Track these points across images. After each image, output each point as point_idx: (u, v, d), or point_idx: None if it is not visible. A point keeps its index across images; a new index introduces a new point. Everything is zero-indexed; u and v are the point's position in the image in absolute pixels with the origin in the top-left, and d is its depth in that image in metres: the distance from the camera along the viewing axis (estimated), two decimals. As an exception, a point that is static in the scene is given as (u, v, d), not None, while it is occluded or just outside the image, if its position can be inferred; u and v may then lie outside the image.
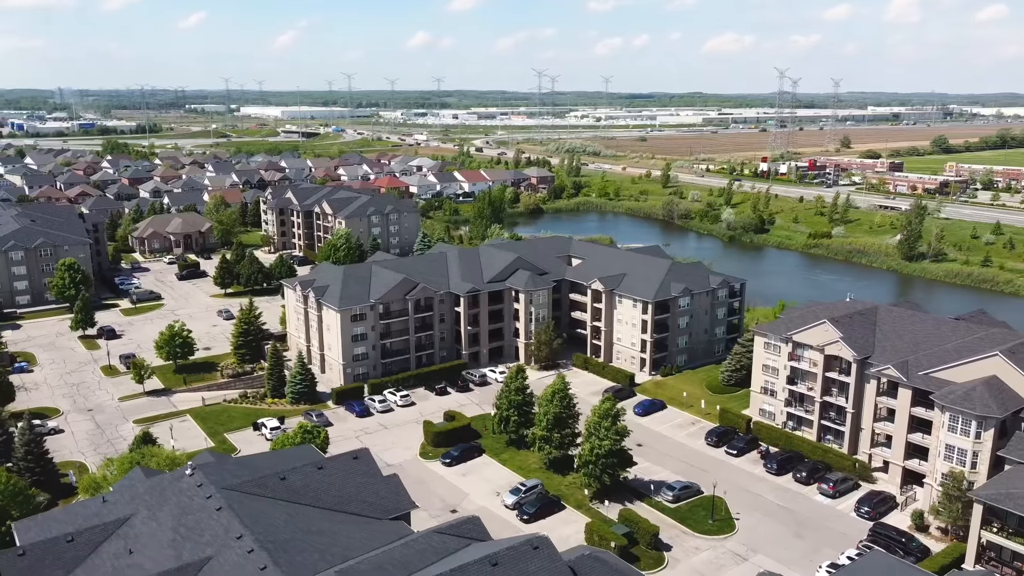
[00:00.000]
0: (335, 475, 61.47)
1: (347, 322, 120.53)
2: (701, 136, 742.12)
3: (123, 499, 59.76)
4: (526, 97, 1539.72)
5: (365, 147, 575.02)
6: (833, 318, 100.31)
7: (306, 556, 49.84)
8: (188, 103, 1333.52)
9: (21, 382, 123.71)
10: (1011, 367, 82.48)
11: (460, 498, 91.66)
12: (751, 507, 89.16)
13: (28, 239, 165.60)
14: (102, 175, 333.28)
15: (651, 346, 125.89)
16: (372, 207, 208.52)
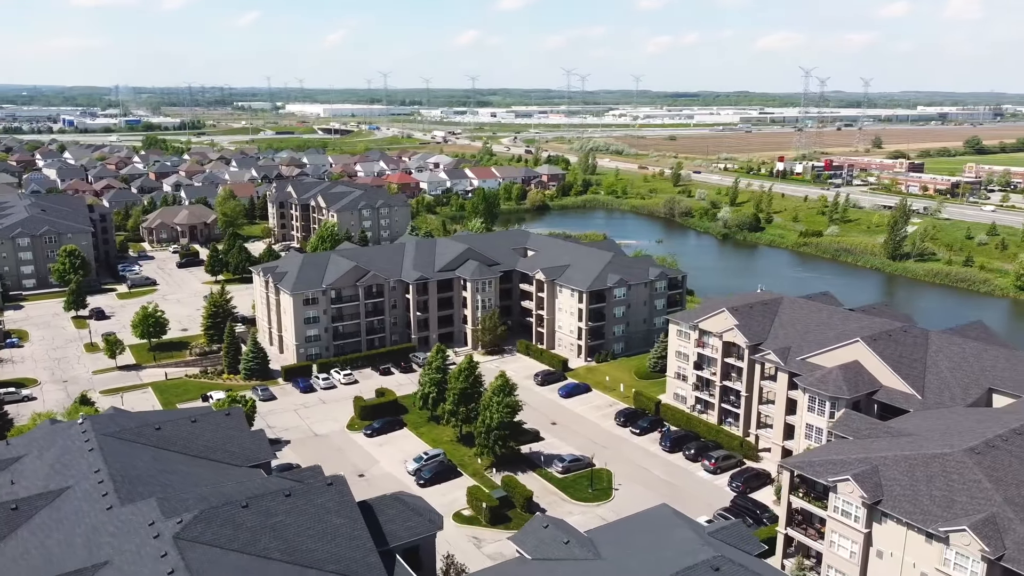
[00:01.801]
0: (206, 428, 70.43)
1: (299, 305, 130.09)
2: (733, 135, 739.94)
3: (23, 443, 69.64)
4: (570, 96, 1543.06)
5: (394, 144, 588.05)
6: (732, 307, 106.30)
7: (149, 488, 58.58)
8: (235, 101, 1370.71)
9: (10, 356, 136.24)
10: (870, 353, 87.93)
11: (370, 464, 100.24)
12: (635, 480, 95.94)
13: (34, 227, 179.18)
14: (131, 169, 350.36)
15: (586, 333, 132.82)
16: (364, 201, 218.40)
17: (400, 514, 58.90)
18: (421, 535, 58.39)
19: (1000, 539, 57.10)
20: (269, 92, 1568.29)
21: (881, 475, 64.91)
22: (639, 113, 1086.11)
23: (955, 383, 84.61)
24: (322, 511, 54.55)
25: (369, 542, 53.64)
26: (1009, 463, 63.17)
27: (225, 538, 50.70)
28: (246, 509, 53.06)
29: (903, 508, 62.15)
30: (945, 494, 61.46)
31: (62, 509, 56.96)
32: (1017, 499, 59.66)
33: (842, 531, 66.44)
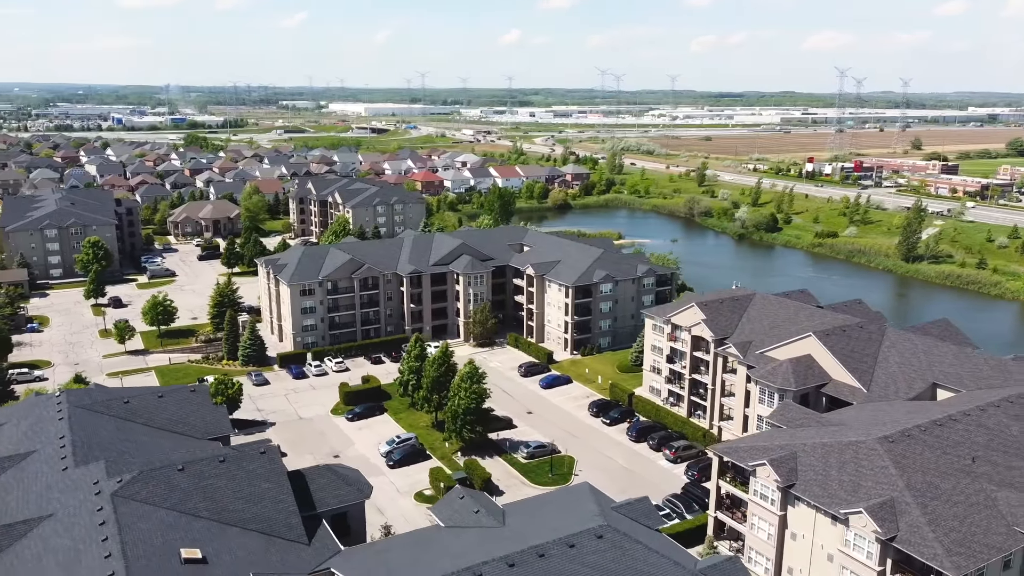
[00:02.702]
0: (171, 403, 75.96)
1: (296, 296, 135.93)
2: (771, 136, 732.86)
3: (6, 413, 76.04)
4: (610, 96, 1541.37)
5: (428, 143, 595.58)
6: (701, 302, 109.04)
7: (105, 453, 64.04)
8: (280, 100, 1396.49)
9: (29, 340, 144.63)
10: (822, 347, 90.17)
11: (347, 446, 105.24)
12: (596, 467, 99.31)
13: (62, 219, 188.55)
14: (167, 166, 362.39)
15: (572, 327, 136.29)
16: (378, 198, 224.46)
17: (330, 483, 63.52)
18: (348, 503, 63.00)
19: (895, 521, 59.57)
20: (313, 91, 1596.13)
21: (798, 461, 67.60)
22: (678, 113, 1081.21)
23: (901, 378, 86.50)
24: (252, 476, 59.43)
25: (292, 506, 58.37)
26: (920, 451, 65.42)
27: (159, 497, 55.80)
28: (181, 472, 58.16)
29: (813, 492, 64.84)
30: (853, 479, 64.00)
31: (25, 469, 62.76)
32: (919, 485, 61.98)
33: (761, 514, 69.29)
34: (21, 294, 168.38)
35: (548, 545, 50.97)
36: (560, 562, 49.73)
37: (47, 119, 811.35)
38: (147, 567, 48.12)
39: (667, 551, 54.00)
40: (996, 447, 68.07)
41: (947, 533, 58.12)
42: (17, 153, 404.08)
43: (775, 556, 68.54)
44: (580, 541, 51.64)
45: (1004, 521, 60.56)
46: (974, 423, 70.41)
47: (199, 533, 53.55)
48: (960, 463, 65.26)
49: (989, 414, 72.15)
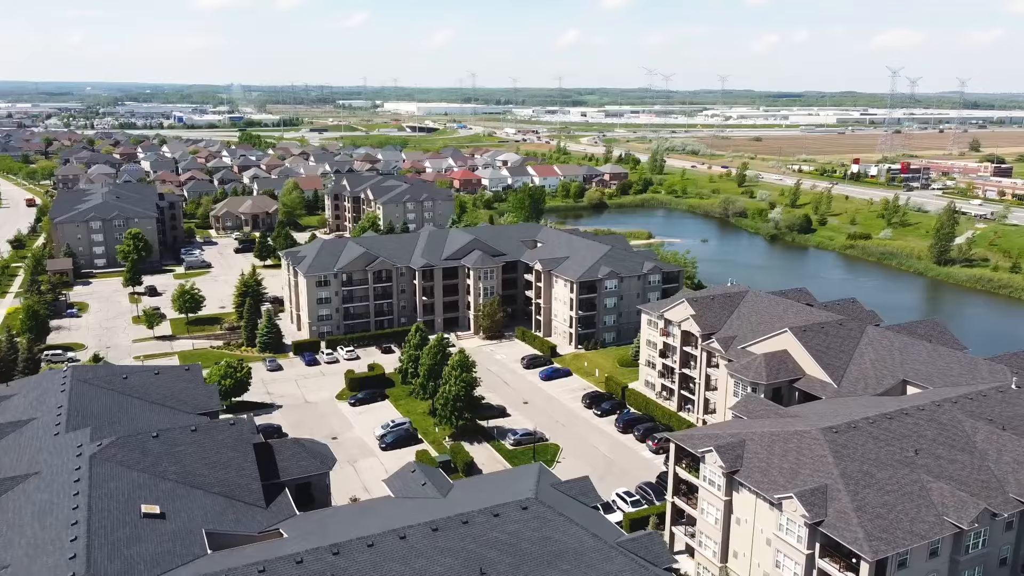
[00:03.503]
0: (166, 380, 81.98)
1: (312, 286, 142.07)
2: (824, 136, 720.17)
3: (21, 385, 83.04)
4: (666, 95, 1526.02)
5: (474, 142, 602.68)
6: (692, 298, 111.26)
7: (95, 422, 70.04)
8: (337, 99, 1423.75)
9: (68, 324, 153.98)
10: (797, 343, 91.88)
11: (345, 429, 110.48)
12: (579, 455, 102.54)
13: (106, 212, 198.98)
14: (217, 162, 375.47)
15: (577, 322, 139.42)
16: (409, 194, 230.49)
17: (296, 455, 68.42)
18: (312, 473, 67.74)
19: (824, 507, 61.70)
20: (370, 91, 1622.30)
21: (745, 448, 69.99)
22: (732, 113, 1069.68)
23: (872, 374, 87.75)
24: (220, 445, 64.62)
25: (255, 473, 63.34)
26: (863, 442, 67.20)
27: (132, 460, 61.33)
28: (156, 439, 63.68)
29: (754, 478, 67.23)
30: (793, 467, 66.21)
31: (24, 434, 69.16)
32: (854, 473, 63.90)
33: (709, 499, 71.85)
34: (65, 282, 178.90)
35: (474, 514, 54.75)
36: (481, 529, 53.50)
37: (113, 117, 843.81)
38: (108, 518, 53.44)
39: (592, 526, 57.27)
40: (943, 441, 69.38)
41: (872, 520, 60.07)
42: (79, 150, 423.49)
43: (722, 540, 71.05)
44: (505, 511, 55.29)
45: (934, 511, 62.16)
46: (926, 417, 71.74)
47: (164, 493, 58.79)
48: (902, 455, 66.87)
49: (944, 409, 73.33)
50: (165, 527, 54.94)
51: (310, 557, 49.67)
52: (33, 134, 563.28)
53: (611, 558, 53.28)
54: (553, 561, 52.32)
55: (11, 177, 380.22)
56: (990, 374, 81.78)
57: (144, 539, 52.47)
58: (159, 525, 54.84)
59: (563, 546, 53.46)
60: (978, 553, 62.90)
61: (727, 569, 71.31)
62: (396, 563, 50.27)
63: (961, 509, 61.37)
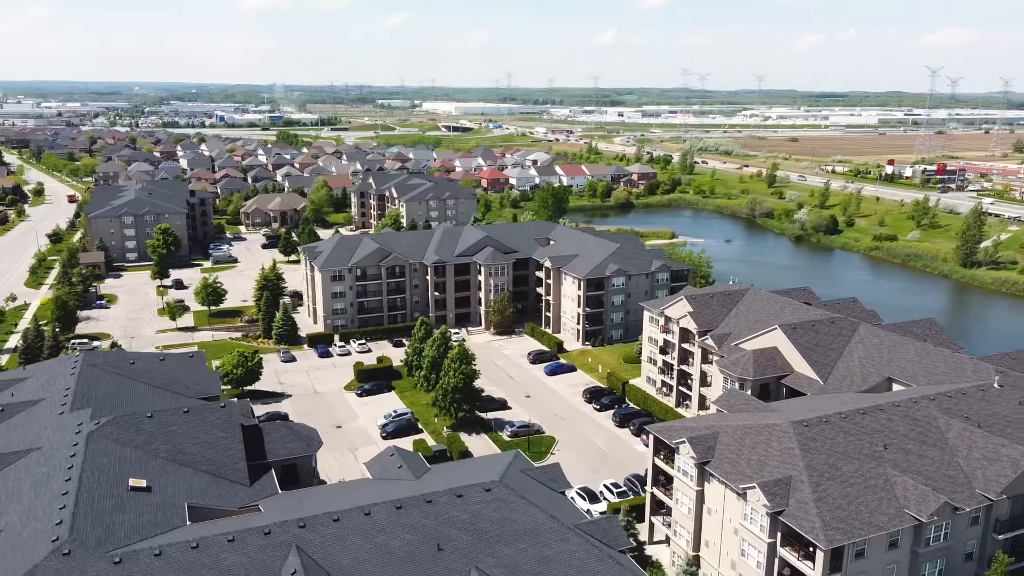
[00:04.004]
0: (171, 365, 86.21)
1: (327, 281, 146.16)
2: (864, 137, 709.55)
3: (36, 369, 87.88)
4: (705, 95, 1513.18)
5: (508, 142, 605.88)
6: (691, 295, 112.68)
7: (97, 403, 74.16)
8: (376, 99, 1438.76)
9: (96, 315, 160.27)
10: (786, 340, 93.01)
11: (351, 419, 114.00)
12: (574, 447, 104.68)
13: (138, 207, 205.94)
14: (251, 160, 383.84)
15: (584, 319, 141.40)
16: (431, 193, 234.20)
17: (283, 437, 71.87)
18: (297, 455, 71.10)
19: (786, 497, 63.20)
20: (410, 91, 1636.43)
21: (718, 441, 71.65)
22: (772, 114, 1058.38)
23: (859, 371, 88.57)
24: (210, 426, 68.21)
25: (241, 453, 66.78)
26: (832, 436, 68.47)
27: (127, 438, 65.19)
28: (150, 419, 67.53)
29: (724, 469, 68.89)
30: (761, 459, 67.76)
31: (32, 413, 73.61)
32: (819, 466, 65.25)
33: (683, 489, 73.63)
34: (97, 274, 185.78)
35: (438, 494, 57.49)
36: (443, 508, 56.20)
37: (158, 116, 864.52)
38: (97, 489, 57.18)
39: (553, 509, 59.58)
40: (915, 437, 70.29)
41: (831, 510, 61.45)
42: (121, 148, 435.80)
43: (694, 529, 72.81)
44: (468, 493, 57.92)
45: (896, 503, 63.28)
46: (901, 414, 72.68)
47: (153, 469, 62.47)
48: (871, 449, 68.00)
49: (921, 406, 74.16)
50: (150, 499, 58.55)
51: (278, 529, 52.89)
52: (79, 132, 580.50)
53: (566, 539, 55.58)
54: (510, 540, 54.83)
55: (56, 174, 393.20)
56: (974, 373, 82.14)
57: (128, 509, 56.10)
58: (144, 497, 58.46)
59: (521, 526, 55.92)
60: (939, 546, 63.83)
61: (699, 558, 73.06)
62: (358, 537, 53.24)
63: (922, 502, 62.42)
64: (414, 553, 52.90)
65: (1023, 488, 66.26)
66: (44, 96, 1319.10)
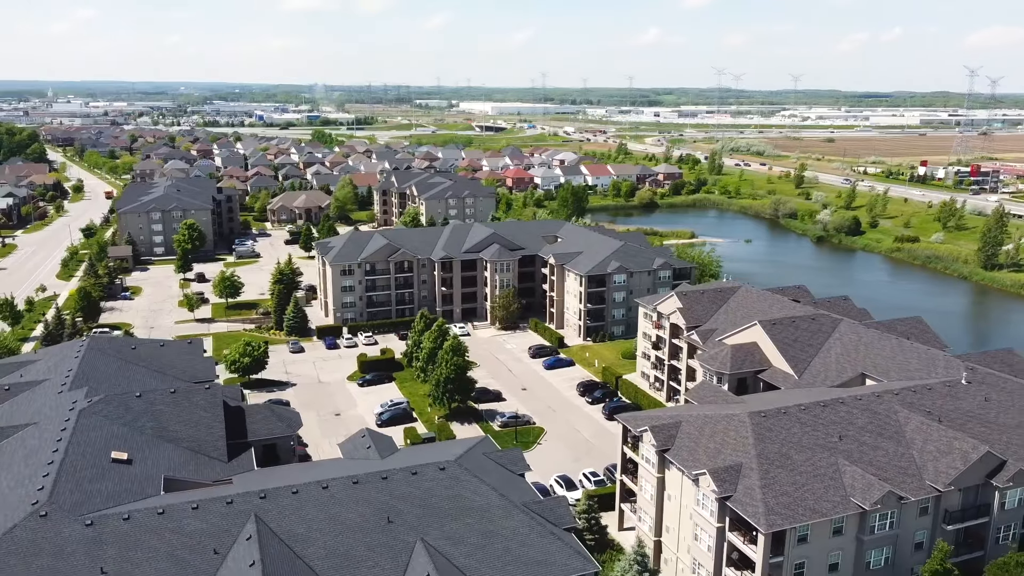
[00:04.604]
0: (169, 351, 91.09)
1: (337, 275, 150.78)
2: (903, 137, 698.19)
3: (46, 352, 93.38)
4: (747, 95, 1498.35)
5: (539, 141, 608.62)
6: (682, 292, 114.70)
7: (94, 383, 79.01)
8: (414, 99, 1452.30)
9: (120, 306, 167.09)
10: (765, 336, 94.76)
11: (350, 407, 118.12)
12: (562, 437, 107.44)
13: (165, 203, 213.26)
14: (283, 159, 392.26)
15: (585, 315, 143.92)
16: (451, 191, 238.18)
17: (264, 418, 76.06)
18: (277, 435, 75.21)
19: (734, 484, 65.39)
20: (449, 91, 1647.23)
21: (679, 430, 73.94)
22: (811, 114, 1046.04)
23: (835, 367, 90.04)
24: (194, 406, 72.54)
25: (221, 431, 70.99)
26: (788, 427, 70.40)
27: (115, 415, 69.75)
28: (139, 398, 72.06)
29: (681, 456, 71.23)
30: (717, 447, 69.97)
31: (35, 392, 78.79)
32: (771, 454, 67.27)
33: (646, 476, 76.08)
34: (124, 267, 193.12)
35: (395, 471, 60.93)
36: (398, 484, 59.62)
37: (200, 116, 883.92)
38: (80, 459, 61.63)
39: (508, 489, 62.61)
40: (873, 429, 71.88)
41: (776, 496, 63.52)
42: (160, 146, 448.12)
43: (655, 515, 75.21)
44: (423, 471, 61.25)
45: (842, 492, 65.11)
46: (862, 407, 74.27)
47: (136, 443, 66.88)
48: (826, 440, 69.80)
49: (884, 400, 75.65)
50: (129, 471, 62.90)
51: (239, 499, 56.77)
52: (122, 131, 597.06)
53: (512, 516, 58.64)
54: (457, 515, 58.08)
55: (96, 171, 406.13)
56: (945, 369, 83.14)
57: (107, 479, 60.45)
58: (124, 469, 62.81)
59: (469, 503, 59.12)
60: (885, 534, 65.45)
61: (661, 543, 75.45)
62: (314, 508, 56.91)
63: (866, 491, 64.18)
64: (365, 524, 56.42)
65: (973, 480, 67.65)
66: (93, 96, 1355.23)
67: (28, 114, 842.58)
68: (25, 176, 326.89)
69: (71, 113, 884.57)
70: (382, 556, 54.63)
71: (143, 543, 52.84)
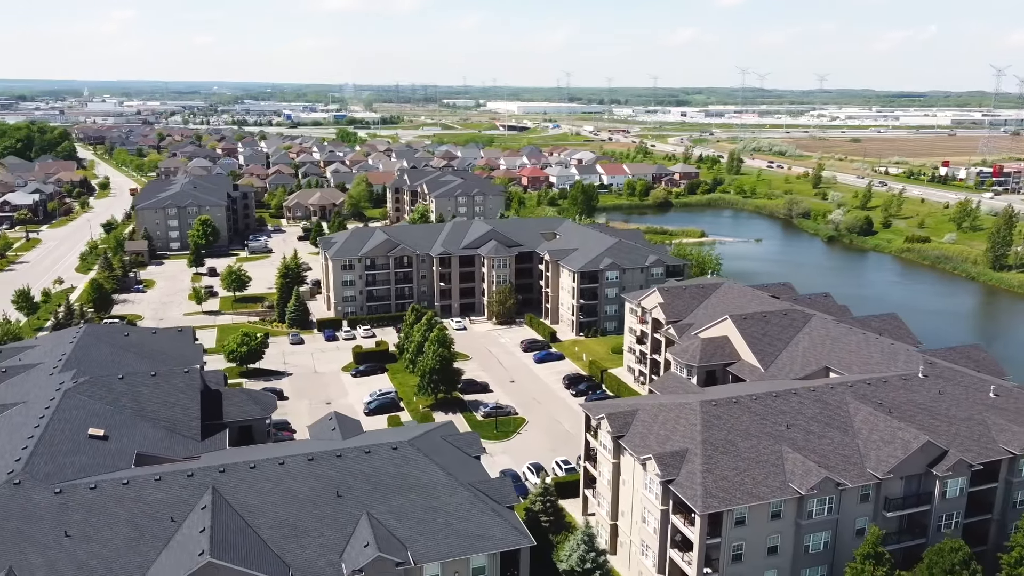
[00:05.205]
0: (161, 339, 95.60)
1: (338, 269, 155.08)
2: (932, 137, 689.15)
3: (47, 337, 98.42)
4: (779, 94, 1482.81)
5: (561, 141, 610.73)
6: (664, 287, 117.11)
7: (87, 367, 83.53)
8: (443, 99, 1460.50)
9: (133, 299, 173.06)
10: (735, 330, 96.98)
11: (341, 396, 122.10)
12: (542, 427, 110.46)
13: (181, 199, 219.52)
14: (304, 157, 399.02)
15: (578, 310, 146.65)
16: (460, 189, 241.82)
17: (240, 402, 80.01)
18: (252, 417, 79.08)
19: (678, 468, 67.98)
20: (477, 90, 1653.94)
21: (635, 417, 76.61)
22: (841, 114, 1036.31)
23: (800, 360, 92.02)
24: (172, 388, 76.68)
25: (197, 412, 75.01)
26: (737, 415, 72.77)
27: (98, 395, 74.07)
28: (121, 380, 76.34)
29: (634, 442, 73.92)
30: (667, 433, 72.57)
31: (29, 374, 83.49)
32: (716, 441, 69.69)
33: (604, 461, 78.85)
34: (140, 261, 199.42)
35: (349, 450, 64.43)
36: (350, 462, 63.10)
37: (229, 115, 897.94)
38: (59, 434, 65.92)
39: (455, 469, 65.76)
40: (821, 419, 73.98)
41: (716, 481, 66.03)
42: (186, 145, 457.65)
43: (612, 499, 77.99)
44: (376, 450, 64.66)
45: (782, 478, 67.41)
46: (813, 398, 76.37)
47: (116, 421, 71.10)
48: (773, 428, 72.06)
49: (837, 392, 77.67)
50: (105, 446, 67.11)
51: (200, 473, 60.62)
52: (152, 130, 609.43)
53: (456, 493, 61.86)
54: (403, 491, 61.43)
55: (124, 168, 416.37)
56: (905, 363, 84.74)
57: (81, 453, 64.68)
58: (100, 445, 67.03)
59: (416, 480, 62.43)
60: (823, 519, 67.57)
61: (616, 526, 78.20)
62: (269, 482, 60.59)
63: (805, 477, 66.44)
64: (315, 498, 59.97)
65: (915, 469, 69.56)
66: (128, 95, 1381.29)
67: (63, 113, 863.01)
68: (53, 173, 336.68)
69: (105, 112, 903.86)
70: (328, 527, 58.15)
71: (106, 510, 56.84)
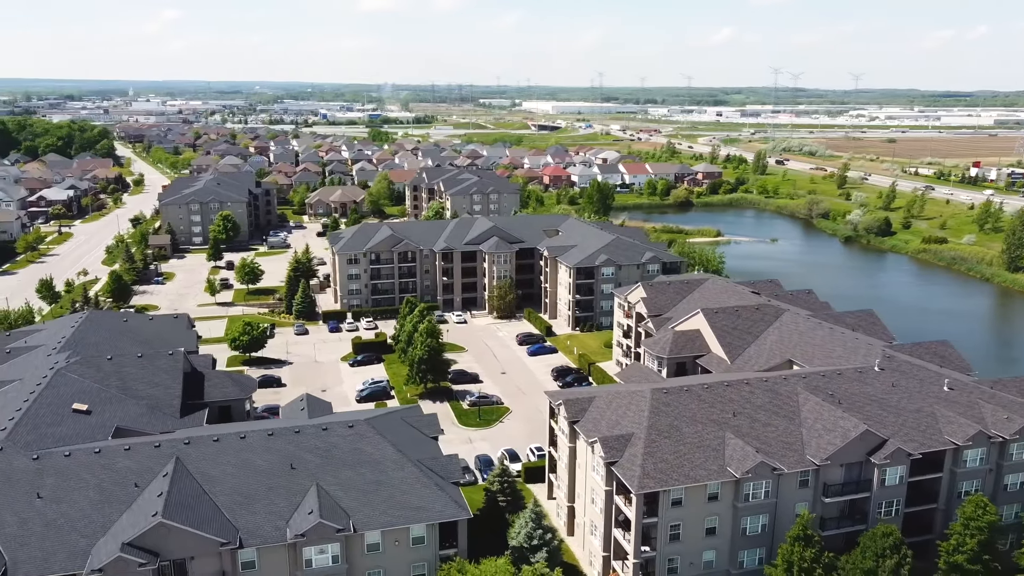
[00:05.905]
0: (157, 324, 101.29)
1: (343, 263, 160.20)
2: (970, 138, 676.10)
3: (52, 323, 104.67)
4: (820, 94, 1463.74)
5: (590, 141, 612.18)
6: (649, 283, 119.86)
7: (84, 350, 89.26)
8: (480, 98, 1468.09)
9: (151, 290, 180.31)
10: (706, 324, 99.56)
11: (337, 384, 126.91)
12: (524, 417, 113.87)
13: (204, 196, 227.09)
14: (332, 155, 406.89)
15: (574, 305, 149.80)
16: (476, 187, 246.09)
17: (221, 383, 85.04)
18: (232, 398, 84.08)
19: (621, 451, 71.10)
20: (514, 90, 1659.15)
21: (592, 404, 79.80)
22: (881, 114, 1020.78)
23: (766, 353, 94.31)
24: (157, 370, 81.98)
25: (178, 391, 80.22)
26: (686, 403, 75.59)
27: (87, 374, 79.57)
28: (110, 361, 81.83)
29: (587, 427, 77.14)
30: (618, 418, 75.68)
31: (30, 355, 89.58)
32: (661, 426, 72.56)
33: (562, 446, 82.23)
34: (163, 255, 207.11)
35: (308, 427, 68.88)
36: (307, 438, 67.51)
37: (267, 114, 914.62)
38: (45, 408, 71.45)
39: (408, 447, 69.74)
40: (769, 408, 76.45)
41: (655, 463, 69.04)
42: (220, 143, 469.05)
43: (568, 481, 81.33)
44: (333, 428, 69.05)
45: (721, 462, 70.16)
46: (764, 388, 78.83)
47: (101, 398, 76.44)
48: (719, 415, 74.77)
49: (789, 383, 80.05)
50: (87, 420, 72.44)
51: (166, 444, 65.53)
52: (190, 128, 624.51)
53: (403, 468, 65.94)
54: (353, 465, 65.67)
55: (159, 166, 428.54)
56: (865, 357, 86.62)
57: (63, 425, 70.07)
58: (83, 419, 72.39)
59: (367, 456, 66.62)
60: (760, 503, 70.16)
61: (573, 508, 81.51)
62: (230, 455, 65.25)
63: (742, 461, 69.14)
64: (270, 470, 64.48)
65: (855, 457, 71.78)
66: (172, 95, 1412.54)
67: (108, 112, 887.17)
68: (91, 170, 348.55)
69: (148, 112, 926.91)
70: (279, 496, 62.59)
71: (77, 476, 61.98)
